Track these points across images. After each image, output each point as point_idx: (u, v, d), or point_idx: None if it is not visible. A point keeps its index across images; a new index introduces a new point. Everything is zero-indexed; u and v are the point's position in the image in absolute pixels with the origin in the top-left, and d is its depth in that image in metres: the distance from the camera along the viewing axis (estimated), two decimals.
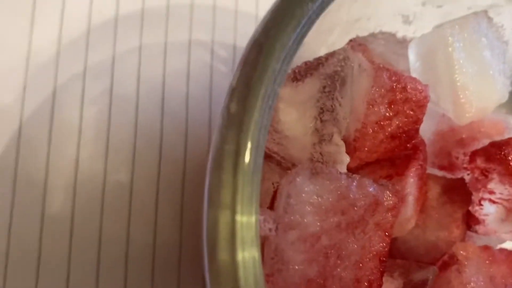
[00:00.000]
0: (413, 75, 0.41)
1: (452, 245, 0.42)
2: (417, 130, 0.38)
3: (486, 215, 0.42)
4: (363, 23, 0.44)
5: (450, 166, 0.44)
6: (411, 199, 0.37)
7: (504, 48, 0.45)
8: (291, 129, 0.38)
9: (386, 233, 0.34)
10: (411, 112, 0.37)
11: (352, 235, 0.33)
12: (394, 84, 0.35)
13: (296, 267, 0.30)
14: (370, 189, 0.33)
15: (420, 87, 0.37)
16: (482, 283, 0.39)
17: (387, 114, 0.36)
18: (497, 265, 0.42)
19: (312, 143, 0.37)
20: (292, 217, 0.30)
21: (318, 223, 0.31)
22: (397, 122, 0.37)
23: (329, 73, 0.39)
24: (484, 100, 0.41)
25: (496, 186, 0.40)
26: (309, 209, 0.30)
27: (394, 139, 0.37)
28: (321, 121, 0.38)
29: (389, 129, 0.36)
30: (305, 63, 0.40)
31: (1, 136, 0.43)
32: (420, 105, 0.37)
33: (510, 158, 0.39)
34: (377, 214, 0.34)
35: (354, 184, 0.32)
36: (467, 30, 0.40)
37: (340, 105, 0.38)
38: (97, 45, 0.48)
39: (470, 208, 0.43)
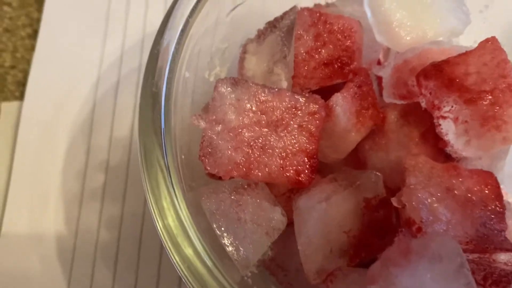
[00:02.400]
0: (373, 27, 0.49)
1: None
2: (350, 58, 0.45)
3: (446, 134, 0.46)
4: None
5: (409, 94, 0.48)
6: (342, 112, 0.44)
7: None
8: (252, 70, 0.49)
9: (314, 134, 0.42)
10: (339, 42, 0.45)
11: (274, 132, 0.42)
12: (315, 20, 0.44)
13: (224, 152, 0.41)
14: (287, 96, 0.42)
15: (344, 21, 0.45)
16: (432, 190, 0.43)
17: (314, 44, 0.45)
18: (460, 179, 0.44)
19: (264, 78, 0.48)
20: (216, 115, 0.41)
21: (238, 120, 0.41)
22: (326, 51, 0.45)
23: (282, 29, 0.49)
24: (421, 28, 0.46)
25: (439, 101, 0.44)
26: (230, 108, 0.41)
27: (327, 66, 0.45)
28: (273, 62, 0.48)
29: (319, 57, 0.45)
30: (267, 23, 0.51)
31: (79, 114, 0.62)
32: (346, 35, 0.45)
33: (444, 72, 0.44)
34: (298, 117, 0.42)
35: (272, 91, 0.42)
36: None
37: (288, 49, 0.48)
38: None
39: (436, 130, 0.46)
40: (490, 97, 0.42)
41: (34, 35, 0.68)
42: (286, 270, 0.47)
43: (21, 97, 0.64)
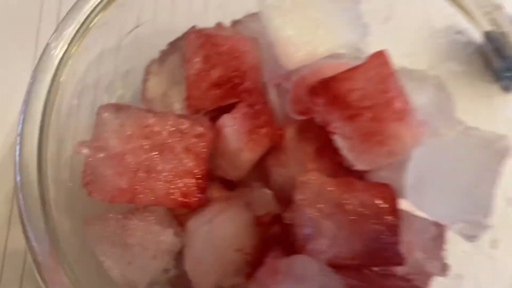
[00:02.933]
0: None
1: None
2: (241, 78, 0.46)
3: (341, 149, 0.46)
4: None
5: (307, 110, 0.49)
6: (231, 132, 0.44)
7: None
8: (153, 92, 0.50)
9: (201, 156, 0.43)
10: (227, 63, 0.46)
11: (159, 155, 0.42)
12: (203, 42, 0.45)
13: (108, 179, 0.41)
14: (170, 120, 0.42)
15: (233, 42, 0.45)
16: (321, 206, 0.43)
17: (203, 66, 0.45)
18: (353, 194, 0.45)
19: (161, 100, 0.49)
20: (99, 142, 0.42)
21: (121, 145, 0.42)
22: (217, 72, 0.46)
23: (182, 49, 0.50)
24: (313, 44, 0.47)
25: (328, 117, 0.45)
26: (112, 135, 0.42)
27: (219, 87, 0.46)
28: (172, 84, 0.49)
29: (210, 79, 0.46)
30: (169, 44, 0.52)
31: None
32: (235, 56, 0.46)
33: (330, 88, 0.44)
34: (184, 140, 0.43)
35: (156, 115, 0.42)
36: None
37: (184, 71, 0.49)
38: None
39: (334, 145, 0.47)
40: (370, 113, 0.42)
41: None
42: (189, 286, 0.48)
43: None
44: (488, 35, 0.52)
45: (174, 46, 0.51)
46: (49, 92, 0.42)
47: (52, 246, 0.39)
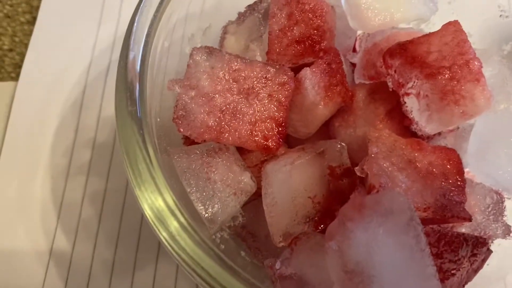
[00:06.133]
0: (345, 12, 0.52)
1: None
2: (321, 37, 0.48)
3: (411, 111, 0.48)
4: None
5: (377, 75, 0.51)
6: (311, 86, 0.46)
7: None
8: (230, 48, 0.52)
9: (283, 103, 0.45)
10: (310, 21, 0.48)
11: (245, 99, 0.44)
12: (287, 1, 0.48)
13: (197, 116, 0.43)
14: (258, 66, 0.45)
15: (316, 2, 0.48)
16: (394, 160, 0.45)
17: (287, 22, 0.48)
18: (423, 153, 0.47)
19: (241, 55, 0.51)
20: (191, 81, 0.44)
21: (211, 86, 0.44)
22: (299, 29, 0.48)
23: (260, 11, 0.53)
24: (389, 12, 0.49)
25: (403, 78, 0.47)
26: (204, 75, 0.44)
27: (299, 44, 0.48)
28: (250, 40, 0.51)
29: (291, 35, 0.48)
30: (247, 6, 0.54)
31: (70, 95, 0.65)
32: (318, 15, 0.48)
33: (408, 50, 0.46)
34: (268, 87, 0.45)
35: (244, 61, 0.45)
36: None
37: (264, 29, 0.51)
38: None
39: (402, 109, 0.49)
40: (448, 72, 0.44)
41: (33, 21, 0.71)
42: (256, 236, 0.49)
43: (17, 78, 0.68)
44: None
45: (253, 8, 0.53)
46: (147, 34, 0.44)
47: None
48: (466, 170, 0.50)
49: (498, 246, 0.48)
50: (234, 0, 0.54)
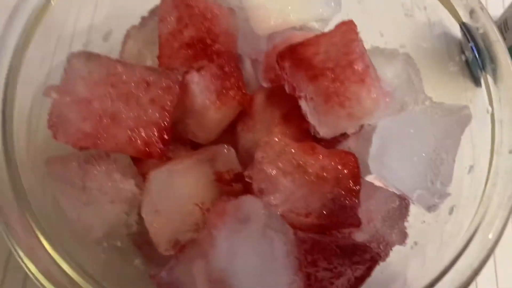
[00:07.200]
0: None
1: None
2: (213, 40, 0.47)
3: (305, 114, 0.47)
4: None
5: (277, 78, 0.50)
6: (199, 90, 0.45)
7: None
8: (128, 53, 0.52)
9: (166, 109, 0.44)
10: (200, 24, 0.47)
11: (125, 104, 0.43)
12: (177, 3, 0.47)
13: (72, 122, 0.43)
14: (138, 71, 0.44)
15: (206, 5, 0.47)
16: (280, 165, 0.44)
17: (176, 26, 0.47)
18: (315, 158, 0.45)
19: (135, 60, 0.50)
20: (67, 87, 0.43)
21: (88, 92, 0.43)
22: (189, 33, 0.47)
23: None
24: (284, 12, 0.48)
25: (294, 81, 0.46)
26: (80, 81, 0.43)
27: (190, 47, 0.47)
28: (145, 45, 0.51)
29: (182, 38, 0.47)
30: (149, 11, 0.54)
31: None
32: (208, 18, 0.47)
33: (297, 52, 0.45)
34: (150, 91, 0.44)
35: (124, 66, 0.44)
36: None
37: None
38: None
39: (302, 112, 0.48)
40: (331, 74, 0.43)
41: None
42: (151, 245, 0.48)
43: None
44: (464, 26, 0.53)
45: (154, 12, 0.53)
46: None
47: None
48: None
49: None
50: (138, 5, 0.53)
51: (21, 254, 0.38)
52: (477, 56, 0.49)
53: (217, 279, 0.37)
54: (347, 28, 0.45)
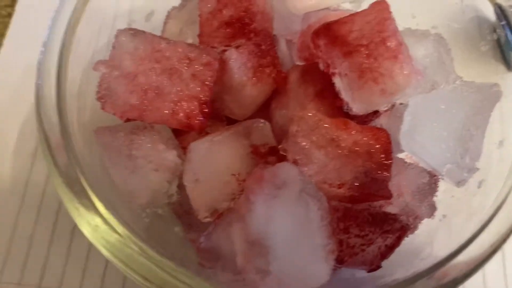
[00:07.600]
0: None
1: None
2: (251, 19, 0.50)
3: (339, 91, 0.49)
4: None
5: (311, 57, 0.52)
6: (237, 66, 0.48)
7: None
8: (168, 32, 0.54)
9: (206, 83, 0.47)
10: (239, 3, 0.49)
11: (168, 78, 0.46)
12: None
13: (120, 95, 0.45)
14: (180, 48, 0.46)
15: None
16: (314, 138, 0.46)
17: (216, 5, 0.49)
18: (348, 133, 0.47)
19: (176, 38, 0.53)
20: (115, 62, 0.46)
21: (134, 66, 0.46)
22: (228, 12, 0.49)
23: None
24: None
25: (329, 58, 0.48)
26: (126, 56, 0.46)
27: (229, 26, 0.50)
28: (186, 25, 0.53)
29: (221, 17, 0.49)
30: None
31: None
32: None
33: (332, 30, 0.47)
34: (192, 67, 0.47)
35: (168, 42, 0.46)
36: None
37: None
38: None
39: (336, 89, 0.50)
40: (365, 50, 0.45)
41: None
42: (190, 214, 0.51)
43: None
44: (499, 7, 0.54)
45: None
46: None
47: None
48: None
49: None
50: None
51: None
52: (509, 35, 0.50)
53: (254, 241, 0.39)
54: (381, 7, 0.47)
